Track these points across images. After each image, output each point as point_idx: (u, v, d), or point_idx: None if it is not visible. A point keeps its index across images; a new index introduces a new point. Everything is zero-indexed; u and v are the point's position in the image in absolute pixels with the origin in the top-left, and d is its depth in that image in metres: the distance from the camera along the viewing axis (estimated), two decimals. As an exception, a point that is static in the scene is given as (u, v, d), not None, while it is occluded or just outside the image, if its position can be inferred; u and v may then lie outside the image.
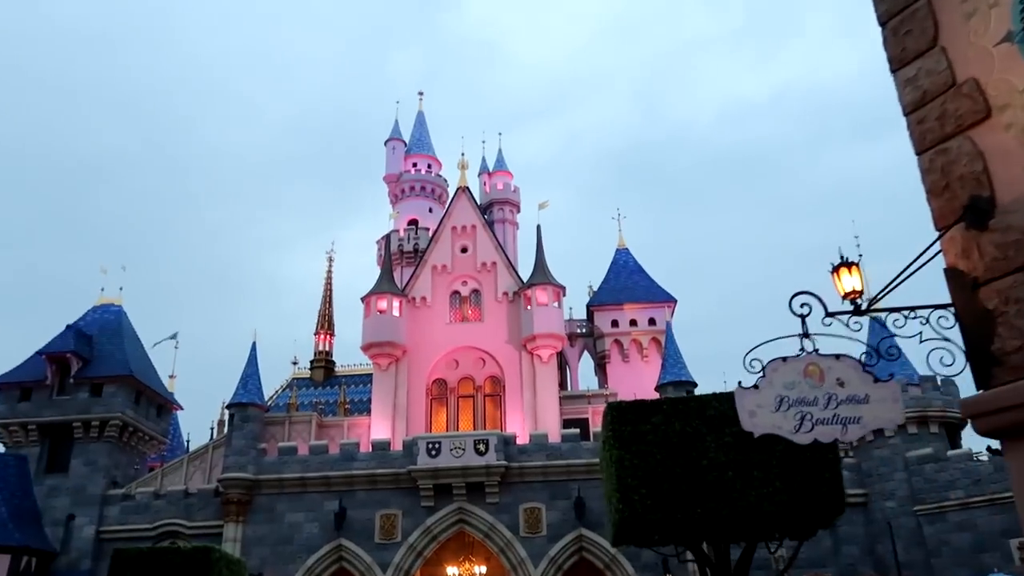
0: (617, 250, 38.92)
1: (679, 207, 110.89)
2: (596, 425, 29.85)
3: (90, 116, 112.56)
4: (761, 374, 7.24)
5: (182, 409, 34.89)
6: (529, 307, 31.61)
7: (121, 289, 34.01)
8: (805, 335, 7.31)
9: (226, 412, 31.75)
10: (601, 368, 36.02)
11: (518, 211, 38.73)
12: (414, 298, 33.01)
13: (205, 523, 27.80)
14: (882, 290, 7.30)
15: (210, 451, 31.08)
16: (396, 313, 32.03)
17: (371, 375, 34.36)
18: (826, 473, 16.05)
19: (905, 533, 25.45)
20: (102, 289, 33.54)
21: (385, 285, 32.59)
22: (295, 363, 38.00)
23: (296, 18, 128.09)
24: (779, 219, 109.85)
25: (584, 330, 36.79)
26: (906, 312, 7.21)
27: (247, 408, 29.01)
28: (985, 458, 24.64)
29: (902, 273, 7.32)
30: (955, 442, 26.86)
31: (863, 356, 7.18)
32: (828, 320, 7.38)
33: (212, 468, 30.41)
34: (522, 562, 26.16)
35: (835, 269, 7.54)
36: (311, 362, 37.82)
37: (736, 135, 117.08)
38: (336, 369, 37.73)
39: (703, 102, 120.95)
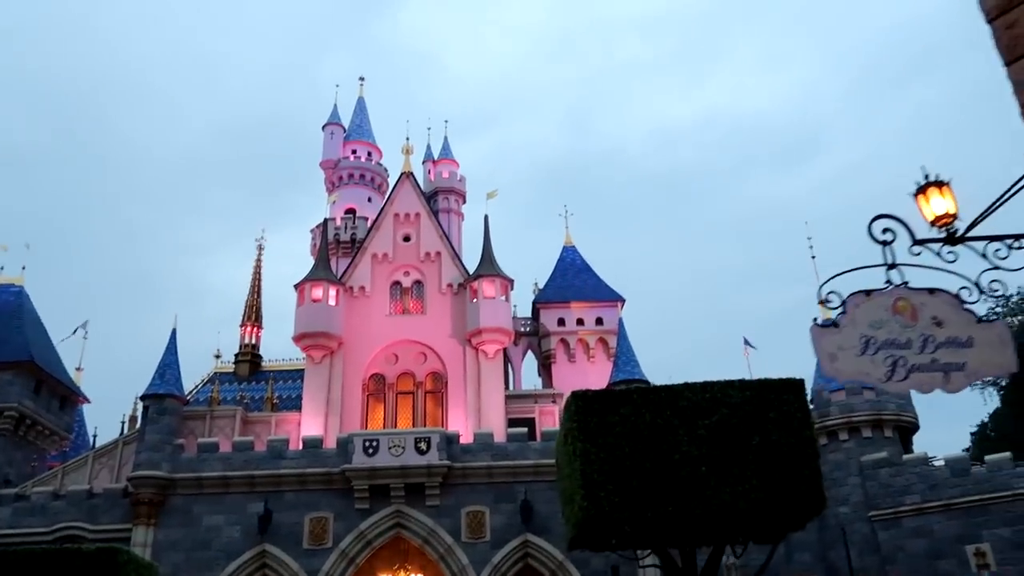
0: (564, 248, 37.66)
1: (608, 226, 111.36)
2: (544, 425, 28.40)
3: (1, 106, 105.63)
4: (840, 310, 5.85)
5: (89, 402, 31.86)
6: (475, 300, 29.95)
7: (24, 268, 30.86)
8: (891, 266, 5.97)
9: (139, 406, 28.93)
10: (546, 368, 34.58)
11: (463, 201, 37.04)
12: (352, 287, 30.92)
13: (111, 526, 24.98)
14: (981, 214, 6.02)
15: (119, 448, 28.23)
16: (332, 302, 29.88)
17: (302, 371, 32.04)
18: (805, 470, 14.89)
19: (859, 539, 24.77)
20: (1, 267, 30.35)
21: (321, 272, 30.41)
22: (218, 356, 35.24)
23: (224, 21, 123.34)
24: (703, 240, 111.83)
25: (528, 329, 35.33)
26: (1010, 241, 5.93)
27: (164, 400, 26.35)
28: (941, 463, 24.21)
29: (1003, 196, 6.05)
30: (907, 447, 26.44)
31: (960, 291, 5.90)
32: (916, 249, 6.09)
33: (121, 466, 27.59)
34: (463, 569, 24.35)
35: (921, 190, 6.20)
36: (236, 356, 35.09)
37: (664, 157, 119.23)
38: (263, 364, 35.14)
39: (633, 124, 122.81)
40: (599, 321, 34.54)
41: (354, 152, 41.35)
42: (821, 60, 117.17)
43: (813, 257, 30.71)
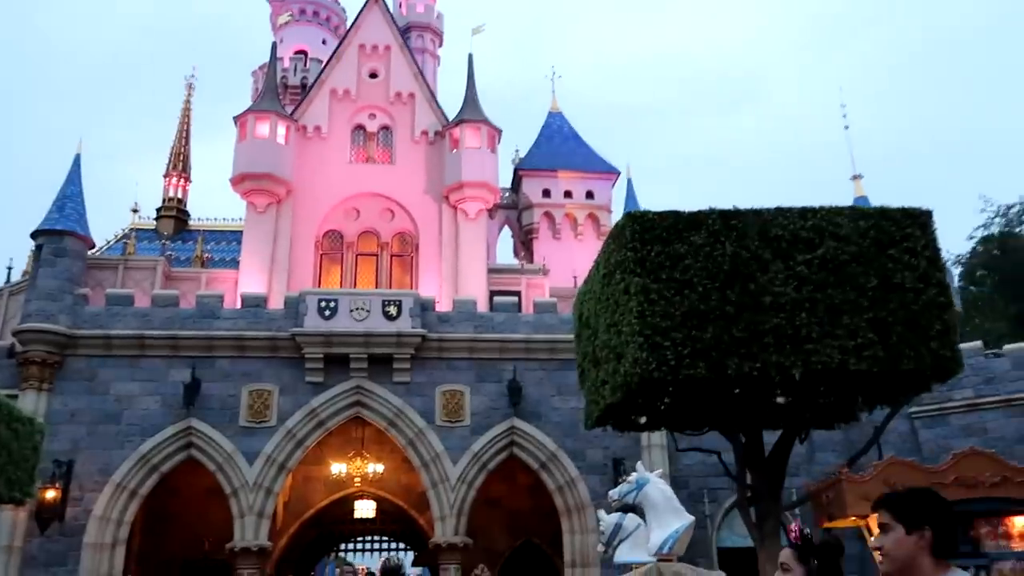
0: (550, 113, 32.85)
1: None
2: (532, 297, 24.09)
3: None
4: None
5: (-30, 249, 25.87)
6: (456, 150, 25.00)
7: None
8: None
9: (32, 249, 23.28)
10: (526, 245, 30.17)
11: (440, 43, 31.55)
12: (305, 126, 25.47)
13: (-9, 391, 19.72)
14: None
15: (4, 299, 22.73)
16: (281, 141, 24.45)
17: (239, 232, 26.81)
18: (936, 323, 10.91)
19: (894, 438, 21.53)
20: None
21: (267, 103, 24.81)
22: (135, 211, 29.45)
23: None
24: (647, 182, 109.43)
25: (507, 200, 30.70)
26: None
27: (63, 238, 20.83)
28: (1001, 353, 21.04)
29: None
30: (949, 339, 23.23)
31: None
32: None
33: (7, 321, 22.16)
34: (437, 457, 20.17)
35: None
36: (158, 210, 29.39)
37: (610, 93, 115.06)
38: (191, 223, 29.57)
39: (579, 57, 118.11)
40: (589, 195, 30.16)
41: (306, -15, 35.04)
42: (769, 9, 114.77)
43: (847, 127, 26.89)
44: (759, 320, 10.47)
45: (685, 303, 10.55)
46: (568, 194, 29.98)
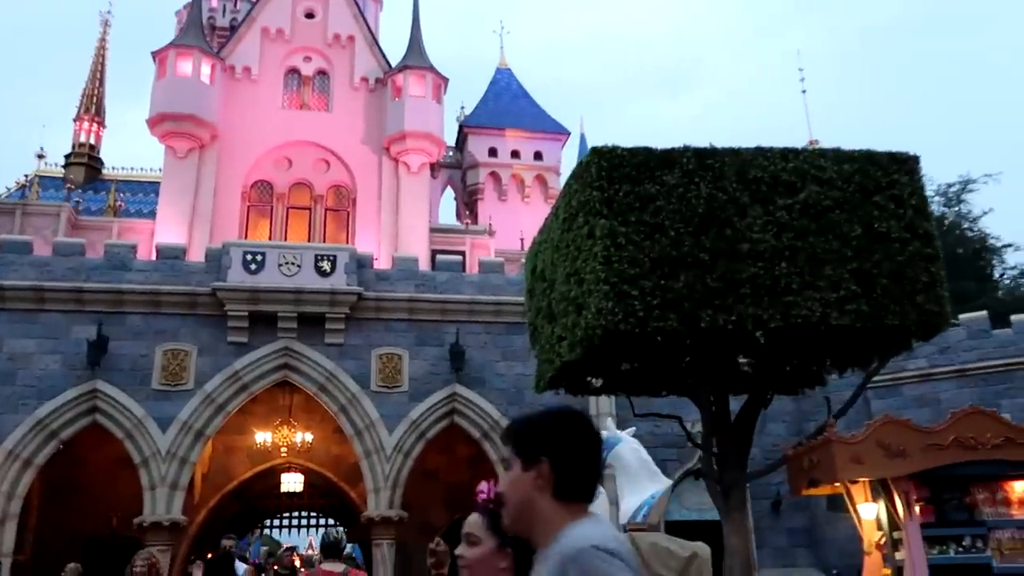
0: (498, 69, 31.34)
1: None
2: (477, 257, 22.67)
3: None
4: None
5: None
6: (398, 99, 23.27)
7: None
8: None
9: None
10: (469, 207, 28.70)
11: (383, -12, 29.63)
12: (233, 67, 23.34)
13: None
14: None
15: None
16: (205, 80, 22.29)
17: (156, 184, 24.52)
18: (923, 275, 10.02)
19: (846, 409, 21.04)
20: None
21: (191, 38, 22.57)
22: (41, 156, 26.73)
23: None
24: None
25: (451, 158, 29.11)
26: None
27: (-52, 175, 18.44)
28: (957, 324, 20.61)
29: None
30: (901, 310, 22.83)
31: None
32: None
33: None
34: (371, 425, 18.65)
35: None
36: (66, 157, 26.78)
37: (547, 72, 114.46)
38: (105, 172, 27.07)
39: (520, 36, 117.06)
40: (538, 156, 28.85)
41: (237, -81, 32.48)
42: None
43: (804, 92, 26.20)
44: (735, 269, 9.45)
45: (656, 248, 9.45)
46: (515, 154, 28.60)
